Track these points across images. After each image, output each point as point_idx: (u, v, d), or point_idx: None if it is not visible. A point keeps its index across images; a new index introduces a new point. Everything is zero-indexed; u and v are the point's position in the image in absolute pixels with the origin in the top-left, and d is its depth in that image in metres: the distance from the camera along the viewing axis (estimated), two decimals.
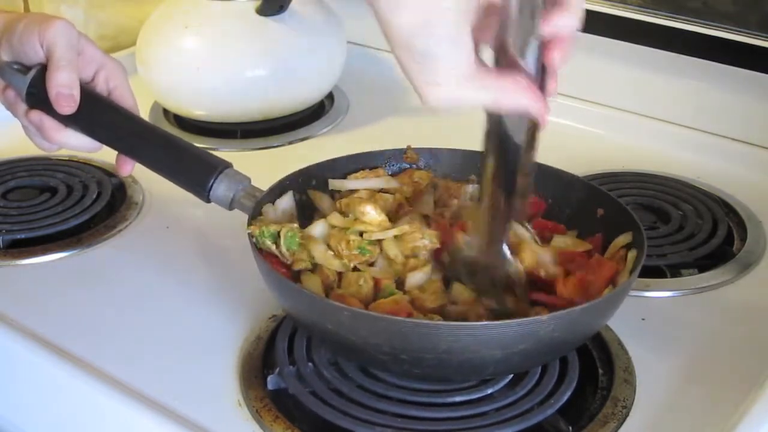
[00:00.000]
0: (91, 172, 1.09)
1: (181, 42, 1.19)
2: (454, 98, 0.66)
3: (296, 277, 0.79)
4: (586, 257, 0.80)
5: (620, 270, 0.77)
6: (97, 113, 0.84)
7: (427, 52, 0.64)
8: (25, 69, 0.83)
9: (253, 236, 0.78)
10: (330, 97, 1.31)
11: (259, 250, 0.78)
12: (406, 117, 1.25)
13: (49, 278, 0.92)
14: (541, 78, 0.68)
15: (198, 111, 1.22)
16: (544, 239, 0.83)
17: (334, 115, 1.28)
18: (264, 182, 0.84)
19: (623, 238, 0.80)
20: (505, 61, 0.67)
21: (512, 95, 0.67)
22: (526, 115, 0.68)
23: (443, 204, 0.87)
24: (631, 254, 0.78)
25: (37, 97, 0.83)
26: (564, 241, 0.83)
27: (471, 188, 0.88)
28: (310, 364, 0.77)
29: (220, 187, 0.82)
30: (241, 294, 0.88)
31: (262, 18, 1.19)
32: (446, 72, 0.65)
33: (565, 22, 0.67)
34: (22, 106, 0.84)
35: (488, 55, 0.69)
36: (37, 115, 0.84)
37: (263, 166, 0.86)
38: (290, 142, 1.21)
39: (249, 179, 0.84)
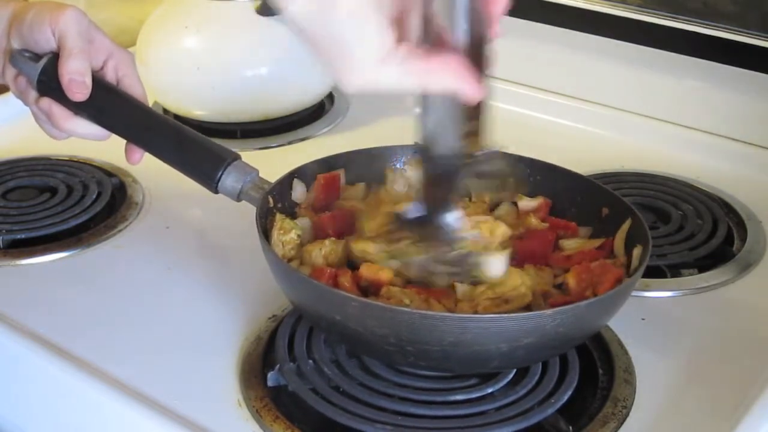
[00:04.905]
0: (91, 172, 1.09)
1: (181, 42, 1.19)
2: (372, 83, 0.61)
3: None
4: (604, 254, 0.80)
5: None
6: (107, 101, 0.84)
7: (332, 37, 0.58)
8: (36, 57, 0.84)
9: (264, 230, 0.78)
10: (330, 97, 1.31)
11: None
12: (406, 117, 1.24)
13: (49, 278, 0.92)
14: (478, 40, 0.63)
15: (198, 111, 1.22)
16: (556, 238, 0.83)
17: (334, 115, 1.28)
18: None
19: (627, 224, 0.80)
20: (431, 34, 0.62)
21: (438, 78, 0.62)
22: (455, 95, 0.64)
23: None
24: (636, 251, 0.78)
25: (48, 85, 0.83)
26: (576, 241, 0.83)
27: None
28: (310, 361, 0.77)
29: (228, 179, 0.82)
30: (241, 294, 0.88)
31: (262, 18, 1.19)
32: (358, 57, 0.59)
33: None
34: (33, 94, 0.85)
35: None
36: (47, 103, 0.84)
37: (263, 166, 0.86)
38: (290, 142, 1.21)
39: (257, 171, 0.83)
